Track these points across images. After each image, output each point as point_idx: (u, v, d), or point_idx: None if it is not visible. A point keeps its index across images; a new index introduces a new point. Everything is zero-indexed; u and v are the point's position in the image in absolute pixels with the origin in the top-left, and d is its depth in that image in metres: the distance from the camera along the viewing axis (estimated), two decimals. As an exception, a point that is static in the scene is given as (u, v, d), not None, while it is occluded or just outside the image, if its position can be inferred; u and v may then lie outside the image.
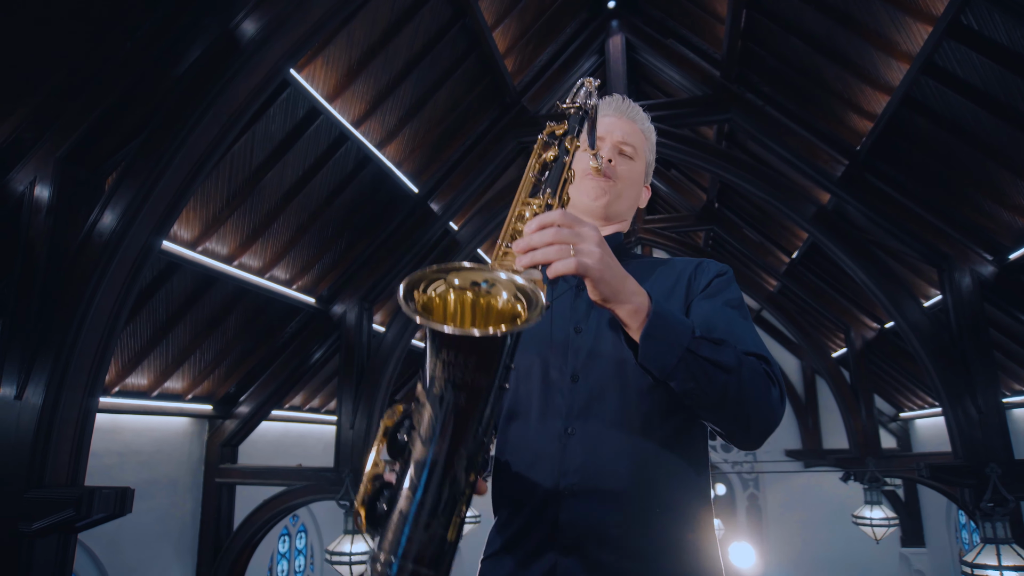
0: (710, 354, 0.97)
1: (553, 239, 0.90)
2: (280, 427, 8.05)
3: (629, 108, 1.41)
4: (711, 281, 1.23)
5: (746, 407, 0.99)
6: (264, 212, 5.39)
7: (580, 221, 0.94)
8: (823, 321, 10.24)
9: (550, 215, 0.92)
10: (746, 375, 0.99)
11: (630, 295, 0.96)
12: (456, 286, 0.86)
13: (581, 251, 0.90)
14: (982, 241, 5.49)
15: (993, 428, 5.10)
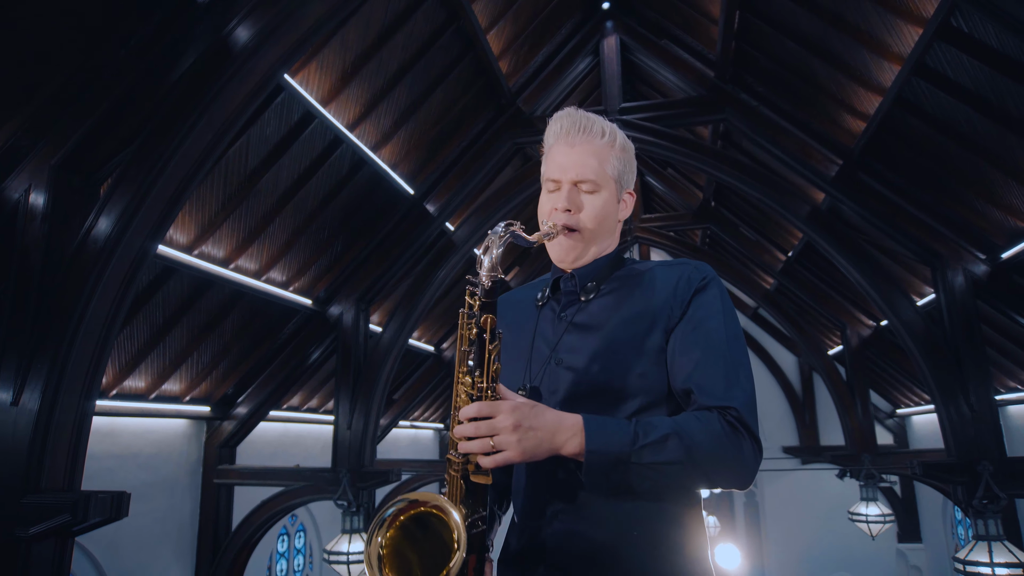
0: (654, 458, 1.04)
1: (474, 433, 1.04)
2: (278, 428, 8.07)
3: (581, 123, 1.30)
4: (688, 303, 1.22)
5: (711, 478, 1.07)
6: (260, 215, 5.41)
7: (497, 409, 1.04)
8: (820, 319, 10.28)
9: (468, 410, 1.06)
10: (696, 455, 1.05)
11: (564, 444, 1.06)
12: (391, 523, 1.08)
13: (499, 443, 1.03)
14: (975, 240, 5.52)
15: (986, 425, 5.13)
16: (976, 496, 4.81)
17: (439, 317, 9.65)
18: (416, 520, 1.06)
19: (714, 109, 6.33)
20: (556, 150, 1.31)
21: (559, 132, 1.31)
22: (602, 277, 1.31)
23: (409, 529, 1.06)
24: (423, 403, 12.04)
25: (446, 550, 1.02)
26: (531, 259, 10.45)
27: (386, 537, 1.05)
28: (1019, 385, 7.53)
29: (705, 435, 1.06)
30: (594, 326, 1.24)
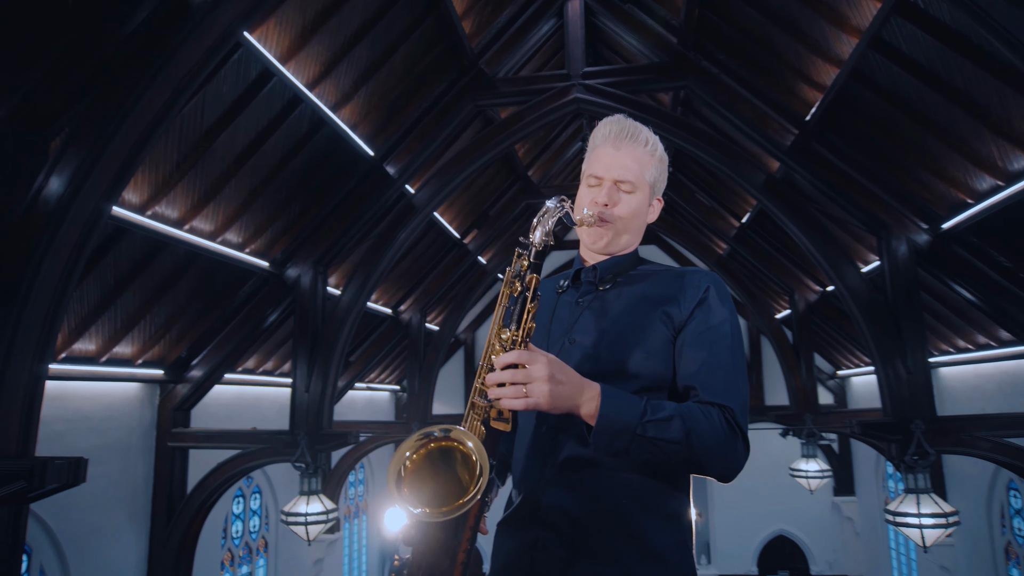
0: (657, 433, 1.14)
1: (510, 379, 1.12)
2: (234, 390, 7.99)
3: (629, 130, 1.43)
4: (698, 305, 1.33)
5: (703, 464, 1.18)
6: (216, 175, 5.26)
7: (533, 358, 1.12)
8: (769, 284, 10.60)
9: (508, 356, 1.13)
10: (695, 441, 1.15)
11: (583, 404, 1.14)
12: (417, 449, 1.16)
13: (531, 391, 1.11)
14: (918, 211, 5.75)
15: (919, 387, 5.43)
16: (908, 453, 5.12)
17: (397, 279, 9.61)
18: (444, 452, 1.14)
19: (676, 76, 6.37)
20: (602, 150, 1.43)
21: (607, 135, 1.44)
22: (621, 271, 1.42)
23: (434, 457, 1.13)
24: (380, 365, 12.04)
25: (464, 485, 1.10)
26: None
27: (413, 458, 1.13)
28: (950, 348, 7.95)
29: (706, 425, 1.17)
30: (607, 312, 1.36)
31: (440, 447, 1.14)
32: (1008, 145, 4.50)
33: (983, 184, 5.01)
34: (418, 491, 1.12)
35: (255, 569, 8.88)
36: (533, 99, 6.58)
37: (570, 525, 1.23)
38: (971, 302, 5.96)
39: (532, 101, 6.58)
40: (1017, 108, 4.21)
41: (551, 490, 1.26)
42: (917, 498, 4.99)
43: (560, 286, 1.47)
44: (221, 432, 6.84)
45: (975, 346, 7.48)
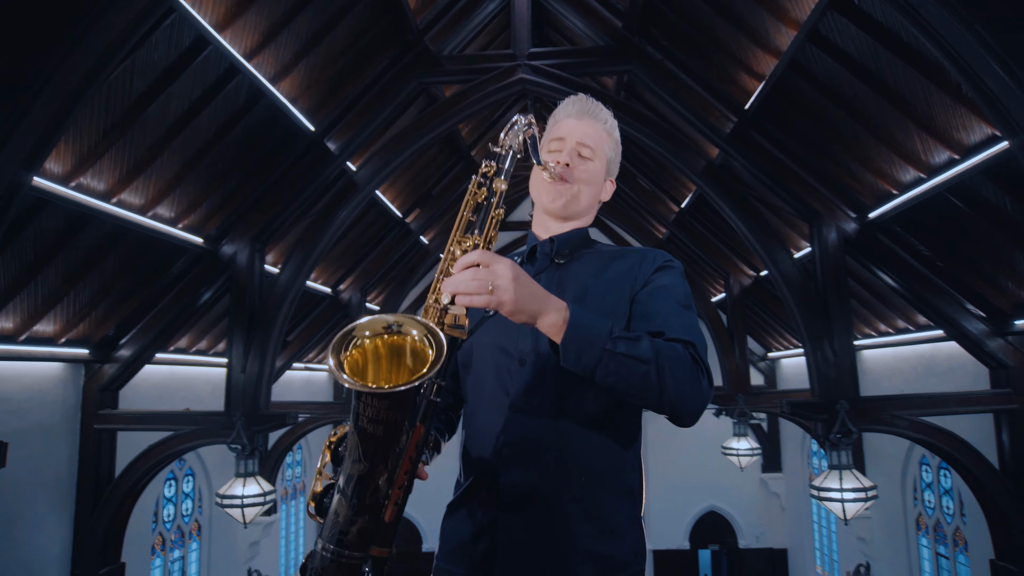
0: (626, 350, 1.09)
1: (473, 278, 1.05)
2: (165, 371, 7.72)
3: (590, 107, 1.48)
4: (652, 275, 1.35)
5: (668, 392, 1.11)
6: (146, 146, 5.02)
7: (497, 259, 1.07)
8: (706, 268, 10.88)
9: (470, 256, 1.08)
10: (664, 363, 1.11)
11: (548, 312, 1.09)
12: (370, 334, 1.08)
13: (496, 288, 1.05)
14: (848, 200, 6.00)
15: (845, 369, 5.70)
16: (833, 431, 5.38)
17: (337, 258, 9.43)
18: (392, 347, 1.07)
19: (620, 60, 6.42)
20: (564, 122, 1.47)
21: (570, 110, 1.48)
22: (575, 248, 1.43)
23: (381, 350, 1.07)
24: (319, 345, 11.83)
25: (418, 361, 1.05)
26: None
27: (361, 343, 1.06)
28: (872, 332, 8.36)
29: (673, 351, 1.14)
30: (566, 286, 1.36)
31: (390, 342, 1.08)
32: (931, 139, 4.73)
33: (907, 176, 5.26)
34: (362, 372, 1.06)
35: (188, 553, 8.66)
36: (478, 78, 6.52)
37: (530, 504, 1.23)
38: (892, 288, 6.27)
39: (477, 80, 6.52)
40: (940, 104, 4.42)
41: (509, 470, 1.25)
42: (840, 474, 5.26)
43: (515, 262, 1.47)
44: (152, 413, 6.62)
45: (894, 330, 7.89)
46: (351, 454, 1.05)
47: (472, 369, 1.38)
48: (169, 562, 8.22)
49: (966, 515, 7.20)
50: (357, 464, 1.04)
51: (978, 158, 4.39)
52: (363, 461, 1.04)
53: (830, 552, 11.07)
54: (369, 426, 1.02)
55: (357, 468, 1.05)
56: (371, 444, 1.03)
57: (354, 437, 1.04)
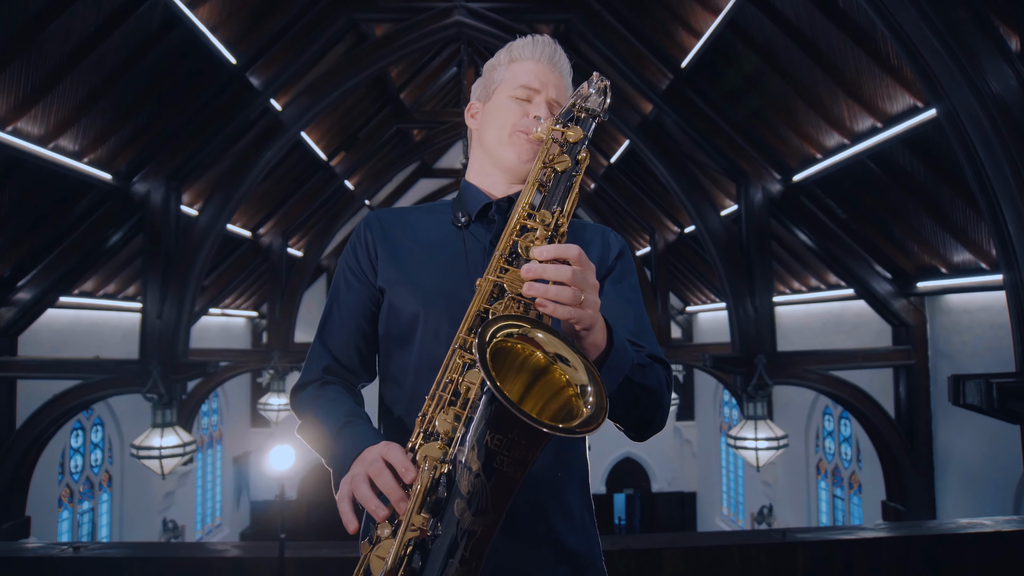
0: (641, 379, 1.05)
1: (570, 281, 0.88)
2: (69, 315, 7.26)
3: (559, 58, 1.29)
4: (615, 262, 1.27)
5: (651, 418, 1.11)
6: (46, 70, 4.57)
7: (590, 265, 0.92)
8: (632, 222, 11.05)
9: (570, 250, 0.90)
10: (661, 395, 1.09)
11: (600, 330, 0.97)
12: (534, 346, 0.86)
13: (588, 302, 0.89)
14: (774, 162, 6.17)
15: (764, 325, 5.97)
16: (751, 384, 5.64)
17: (257, 200, 9.02)
18: (543, 367, 0.88)
19: (559, 7, 6.29)
20: (532, 65, 1.26)
21: (535, 50, 1.27)
22: None
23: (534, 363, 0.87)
24: (236, 290, 11.40)
25: (568, 405, 0.87)
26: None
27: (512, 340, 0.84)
28: (786, 289, 8.77)
29: (663, 376, 1.12)
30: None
31: (544, 365, 0.87)
32: (857, 107, 4.89)
33: (832, 141, 5.44)
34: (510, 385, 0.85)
35: (98, 505, 8.33)
36: (413, 18, 6.26)
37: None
38: (809, 247, 6.55)
39: (412, 20, 6.26)
40: (869, 73, 4.56)
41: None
42: (755, 424, 5.55)
43: (457, 220, 1.24)
44: (57, 361, 6.23)
45: (807, 287, 8.29)
46: (474, 504, 0.83)
47: (414, 350, 1.16)
48: (78, 514, 7.89)
49: (862, 461, 7.79)
50: (484, 516, 0.83)
51: (899, 128, 4.58)
52: (492, 512, 0.83)
53: (736, 495, 11.80)
54: (510, 469, 0.82)
55: (484, 522, 0.83)
56: (505, 491, 0.83)
57: (481, 480, 0.82)
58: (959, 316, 5.75)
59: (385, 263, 1.23)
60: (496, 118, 1.26)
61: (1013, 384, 2.64)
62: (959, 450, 5.76)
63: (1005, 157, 2.97)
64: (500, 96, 1.27)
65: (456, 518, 0.83)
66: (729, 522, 12.05)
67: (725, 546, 3.05)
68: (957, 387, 2.78)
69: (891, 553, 2.99)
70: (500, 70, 1.30)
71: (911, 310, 6.06)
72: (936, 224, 5.19)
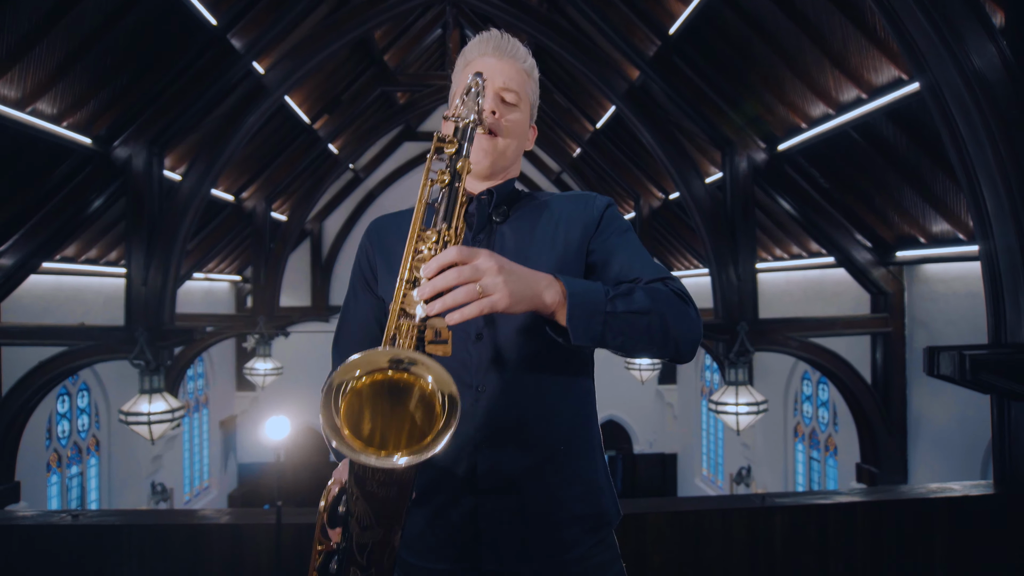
0: (626, 307, 1.04)
1: (457, 281, 0.91)
2: (51, 281, 7.20)
3: (509, 46, 1.29)
4: (600, 221, 1.28)
5: (672, 334, 1.09)
6: (22, 32, 4.45)
7: (475, 253, 0.94)
8: (617, 188, 11.06)
9: (447, 255, 0.92)
10: (663, 308, 1.08)
11: (543, 292, 0.99)
12: (362, 372, 0.88)
13: (486, 287, 0.92)
14: (760, 131, 6.19)
15: (747, 292, 6.06)
16: (733, 350, 5.76)
17: (239, 165, 8.91)
18: (391, 387, 0.90)
19: (547, -29, 6.20)
20: (481, 60, 1.28)
21: (485, 47, 1.29)
22: (510, 202, 1.30)
23: (379, 393, 0.91)
24: (220, 254, 11.32)
25: (425, 407, 0.89)
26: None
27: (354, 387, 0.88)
28: (768, 256, 8.87)
29: (661, 293, 1.11)
30: (510, 248, 1.23)
31: (389, 379, 0.90)
32: (843, 78, 4.91)
33: (817, 111, 5.47)
34: (359, 422, 0.89)
35: (87, 469, 8.38)
36: (398, -22, 6.15)
37: (513, 486, 1.16)
38: (791, 216, 6.63)
39: (398, -20, 6.15)
40: (856, 44, 4.57)
41: (486, 455, 1.16)
42: (736, 389, 5.68)
43: None
44: (42, 328, 6.20)
45: (788, 255, 8.40)
46: (360, 521, 0.95)
47: None
48: (67, 479, 7.94)
49: (838, 424, 8.01)
50: (371, 531, 0.95)
51: (884, 100, 4.62)
52: (378, 527, 0.95)
53: (716, 456, 12.09)
54: (380, 490, 0.91)
55: (372, 536, 0.96)
56: (385, 507, 0.93)
57: (362, 504, 0.93)
58: (936, 285, 5.88)
59: (381, 272, 1.28)
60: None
61: (985, 356, 2.74)
62: (932, 416, 5.95)
63: (984, 132, 3.03)
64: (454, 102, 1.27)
65: (351, 533, 0.99)
66: (709, 483, 12.38)
67: (707, 510, 3.17)
68: (932, 358, 2.88)
69: (865, 517, 3.12)
70: (458, 75, 1.32)
71: (890, 279, 6.18)
72: (916, 195, 5.27)
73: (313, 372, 10.44)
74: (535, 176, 14.35)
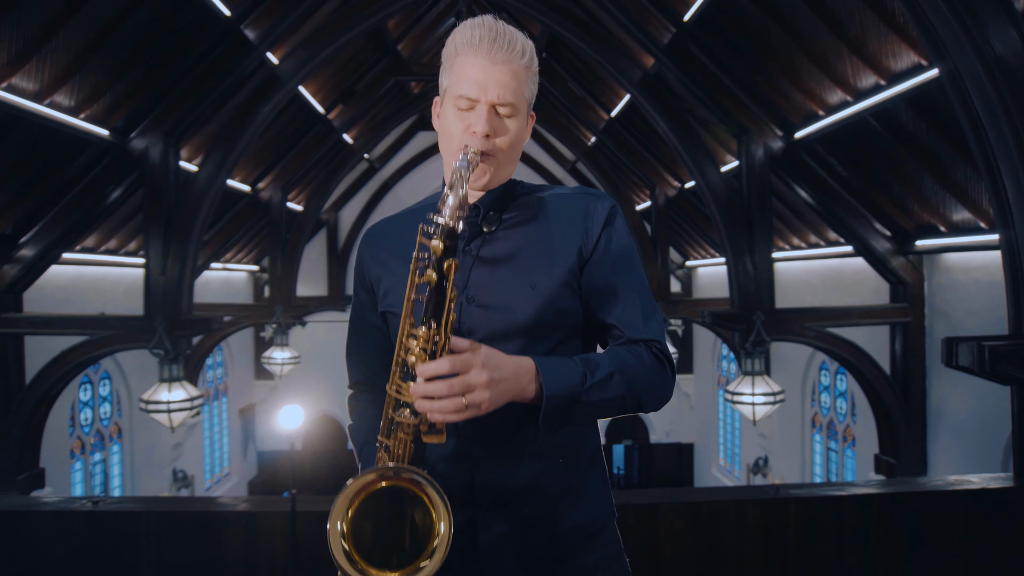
0: (599, 396, 1.09)
1: (447, 393, 0.97)
2: (72, 271, 7.30)
3: (505, 45, 1.15)
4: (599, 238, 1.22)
5: (641, 405, 1.15)
6: (38, 25, 4.50)
7: (466, 363, 0.98)
8: (632, 177, 10.99)
9: (441, 367, 0.97)
10: (637, 389, 1.12)
11: (524, 389, 1.05)
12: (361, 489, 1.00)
13: (472, 400, 0.98)
14: (776, 118, 6.12)
15: (763, 282, 6.01)
16: (749, 340, 5.72)
17: (255, 155, 8.96)
18: (386, 493, 1.01)
19: (561, -43, 6.14)
20: (472, 63, 1.15)
21: (475, 42, 1.15)
22: (503, 205, 1.24)
23: (376, 502, 1.01)
24: (237, 244, 11.41)
25: (425, 532, 0.99)
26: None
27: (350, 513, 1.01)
28: (786, 246, 8.79)
29: (640, 369, 1.13)
30: (503, 260, 1.20)
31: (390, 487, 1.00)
32: (861, 64, 4.83)
33: (835, 98, 5.39)
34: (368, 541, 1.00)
35: (109, 456, 8.53)
36: (412, -33, 6.12)
37: (512, 499, 1.18)
38: (809, 204, 6.55)
39: (410, -31, 6.12)
40: (874, 30, 4.49)
41: (485, 470, 1.18)
42: (752, 380, 5.64)
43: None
44: (63, 318, 6.30)
45: (806, 244, 8.31)
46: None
47: None
48: (91, 465, 8.09)
49: (856, 415, 7.94)
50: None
51: (903, 86, 4.54)
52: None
53: (733, 446, 12.05)
54: None
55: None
56: None
57: None
58: (956, 275, 5.79)
59: (379, 284, 1.27)
60: (445, 130, 1.21)
61: (1004, 347, 2.70)
62: (952, 407, 5.88)
63: (1005, 119, 2.97)
64: (448, 102, 1.20)
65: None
66: (725, 473, 12.35)
67: (720, 501, 3.17)
68: (950, 349, 2.84)
69: (880, 509, 3.10)
70: (448, 66, 1.21)
71: (909, 268, 6.10)
72: (936, 183, 5.18)
73: (330, 361, 10.50)
74: (550, 165, 14.30)
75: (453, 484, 1.18)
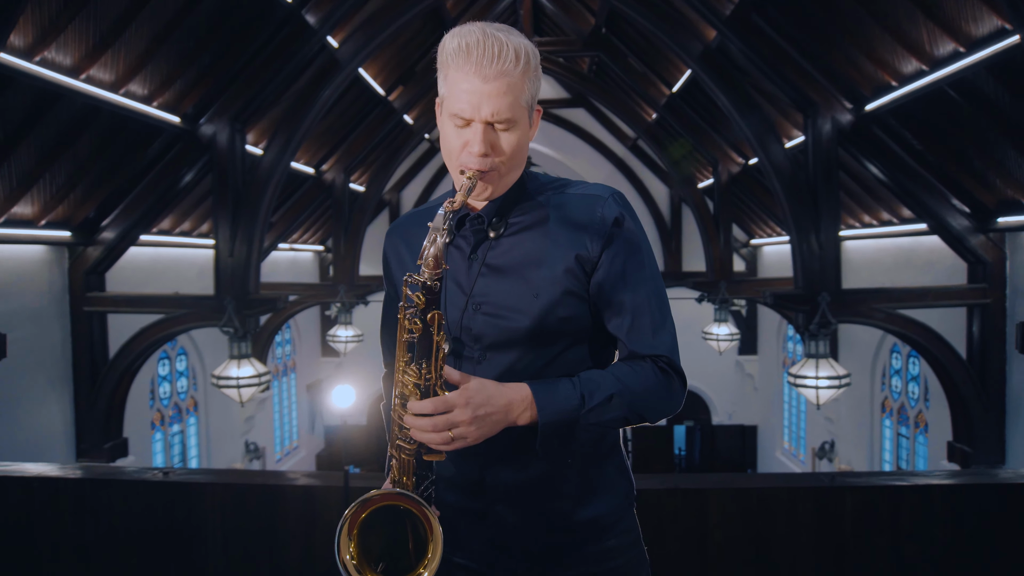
0: (599, 418, 1.11)
1: (431, 429, 1.04)
2: (150, 252, 7.68)
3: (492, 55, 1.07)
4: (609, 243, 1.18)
5: (647, 418, 1.16)
6: (112, 17, 4.71)
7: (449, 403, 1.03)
8: (695, 154, 10.72)
9: (422, 407, 1.04)
10: (639, 407, 1.14)
11: (515, 420, 1.09)
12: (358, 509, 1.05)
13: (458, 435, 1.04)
14: (845, 91, 5.84)
15: (829, 261, 5.79)
16: (813, 322, 5.54)
17: (318, 138, 9.17)
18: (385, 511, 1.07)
19: (619, -70, 6.00)
20: (463, 78, 1.09)
21: (463, 53, 1.08)
22: (508, 210, 1.21)
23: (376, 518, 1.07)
24: (303, 226, 11.75)
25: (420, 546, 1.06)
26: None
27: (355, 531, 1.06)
28: (856, 223, 8.42)
29: (643, 387, 1.13)
30: (509, 268, 1.19)
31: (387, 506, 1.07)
32: (938, 30, 4.54)
33: (909, 67, 5.10)
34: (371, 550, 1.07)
35: (187, 428, 9.01)
36: (467, -53, 6.09)
37: (524, 496, 1.20)
38: (881, 181, 6.25)
39: (466, -51, 6.09)
40: (954, -9, 4.22)
41: (496, 471, 1.20)
42: (816, 363, 5.47)
43: None
44: (142, 297, 6.65)
45: (878, 221, 7.94)
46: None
47: None
48: (169, 436, 8.57)
49: (929, 400, 7.60)
50: None
51: (984, 53, 4.24)
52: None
53: (798, 430, 11.74)
54: None
55: None
56: None
57: None
58: (1042, 253, 5.43)
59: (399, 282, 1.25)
60: (444, 143, 1.18)
61: (1084, 333, 2.53)
62: (1033, 393, 5.55)
63: (1096, 88, 2.75)
64: (445, 114, 1.16)
65: None
66: (791, 457, 12.05)
67: (772, 488, 3.10)
68: (1023, 334, 2.67)
69: (943, 501, 2.97)
70: (441, 76, 1.15)
71: (989, 246, 5.76)
72: (1020, 155, 4.86)
73: (392, 339, 10.70)
74: (611, 143, 14.09)
75: (464, 484, 1.23)
